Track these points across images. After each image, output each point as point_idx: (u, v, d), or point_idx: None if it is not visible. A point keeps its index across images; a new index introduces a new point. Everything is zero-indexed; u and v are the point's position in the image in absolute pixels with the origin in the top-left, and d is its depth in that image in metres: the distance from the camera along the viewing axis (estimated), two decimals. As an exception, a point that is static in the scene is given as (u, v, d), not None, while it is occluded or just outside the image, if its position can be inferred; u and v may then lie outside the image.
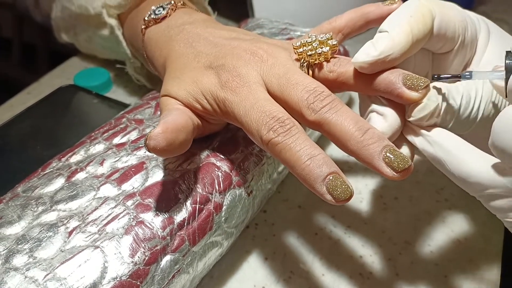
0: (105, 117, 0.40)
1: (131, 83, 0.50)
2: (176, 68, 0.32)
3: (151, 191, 0.29)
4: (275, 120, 0.26)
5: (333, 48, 0.29)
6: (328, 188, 0.24)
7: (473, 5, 0.69)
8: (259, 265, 0.34)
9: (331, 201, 0.24)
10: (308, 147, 0.25)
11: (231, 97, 0.28)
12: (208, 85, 0.30)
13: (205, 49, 0.32)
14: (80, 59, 0.57)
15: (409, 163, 0.24)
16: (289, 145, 0.25)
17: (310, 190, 0.25)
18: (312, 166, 0.24)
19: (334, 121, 0.26)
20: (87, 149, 0.33)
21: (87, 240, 0.26)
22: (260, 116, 0.26)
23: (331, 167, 0.24)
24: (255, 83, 0.28)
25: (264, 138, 0.26)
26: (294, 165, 0.25)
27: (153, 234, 0.27)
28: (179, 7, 0.37)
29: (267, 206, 0.39)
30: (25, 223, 0.28)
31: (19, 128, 0.43)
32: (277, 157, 0.26)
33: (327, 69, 0.29)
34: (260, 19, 0.48)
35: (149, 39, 0.36)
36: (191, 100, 0.30)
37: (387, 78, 0.26)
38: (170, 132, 0.25)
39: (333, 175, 0.24)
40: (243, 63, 0.29)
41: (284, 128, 0.26)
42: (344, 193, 0.24)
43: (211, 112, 0.30)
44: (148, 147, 0.25)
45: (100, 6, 0.43)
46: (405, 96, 0.26)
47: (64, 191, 0.29)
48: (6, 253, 0.26)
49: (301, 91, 0.27)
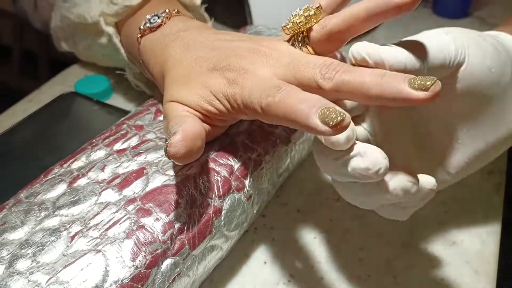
0: (105, 124, 0.41)
1: (131, 90, 0.50)
2: (178, 74, 0.32)
3: (152, 196, 0.29)
4: (272, 87, 0.27)
5: (318, 10, 0.29)
6: (322, 118, 0.24)
7: (469, 10, 0.70)
8: (258, 269, 0.35)
9: (326, 131, 0.24)
10: (300, 93, 0.26)
11: (240, 90, 0.29)
12: (217, 86, 0.30)
13: (203, 53, 0.32)
14: (81, 67, 0.57)
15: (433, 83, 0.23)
16: (283, 99, 0.26)
17: (306, 131, 0.25)
18: (304, 106, 0.24)
19: (351, 79, 0.26)
20: (89, 155, 0.33)
21: (89, 245, 0.27)
22: (260, 89, 0.27)
23: (321, 101, 0.24)
24: (265, 73, 0.29)
25: (264, 105, 0.26)
26: (289, 114, 0.25)
27: (153, 238, 0.28)
28: (173, 15, 0.38)
29: (266, 211, 0.39)
30: (28, 228, 0.28)
31: (21, 135, 0.43)
32: (276, 118, 0.26)
33: (319, 27, 0.29)
34: (258, 27, 0.48)
35: (145, 47, 0.37)
36: (203, 103, 0.30)
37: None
38: (189, 140, 0.26)
39: (325, 105, 0.24)
40: (248, 62, 0.30)
41: (279, 90, 0.26)
42: (336, 117, 0.23)
43: (223, 112, 0.30)
44: (168, 154, 0.25)
45: (98, 15, 0.43)
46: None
47: (66, 197, 0.30)
48: (9, 257, 0.26)
49: (312, 68, 0.27)
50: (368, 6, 0.27)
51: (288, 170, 0.38)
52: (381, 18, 0.27)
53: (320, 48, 0.30)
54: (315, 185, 0.41)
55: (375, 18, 0.27)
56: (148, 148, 0.33)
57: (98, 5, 0.44)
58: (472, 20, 0.69)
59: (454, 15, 0.69)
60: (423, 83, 0.24)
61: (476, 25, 0.67)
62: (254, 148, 0.34)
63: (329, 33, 0.29)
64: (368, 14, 0.27)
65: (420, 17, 0.70)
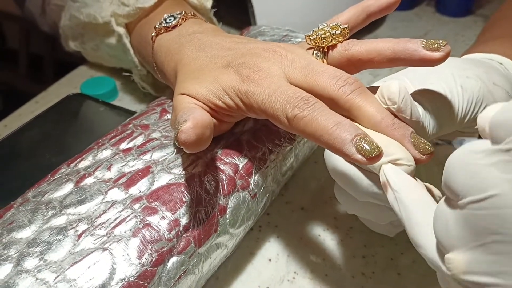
0: (111, 125, 0.41)
1: (136, 91, 0.51)
2: (191, 70, 0.33)
3: (157, 195, 0.30)
4: (299, 98, 0.27)
5: (344, 31, 0.30)
6: (357, 148, 0.24)
7: (472, 8, 0.70)
8: (263, 266, 0.35)
9: (361, 161, 0.24)
10: (332, 115, 0.26)
11: (254, 88, 0.29)
12: (229, 81, 0.30)
13: (219, 52, 0.33)
14: (87, 68, 0.58)
15: (432, 148, 0.26)
16: (314, 117, 0.26)
17: (339, 154, 0.26)
18: (339, 131, 0.25)
19: (364, 105, 0.27)
20: (95, 154, 0.34)
21: (96, 243, 0.27)
22: (284, 97, 0.27)
23: (357, 130, 0.25)
24: (277, 76, 0.29)
25: (290, 115, 0.27)
26: (322, 134, 0.26)
27: (159, 236, 0.28)
28: (189, 17, 0.39)
29: (271, 209, 0.39)
30: (35, 227, 0.29)
31: (28, 136, 0.44)
32: (302, 132, 0.27)
33: (342, 48, 0.30)
34: (262, 27, 0.49)
35: (160, 46, 0.37)
36: (212, 97, 0.31)
37: (406, 46, 0.28)
38: (200, 127, 0.26)
39: (361, 136, 0.25)
40: (263, 60, 0.30)
41: (308, 104, 0.27)
42: (373, 150, 0.24)
43: (232, 107, 0.31)
44: (178, 140, 0.26)
45: (109, 15, 0.44)
46: (428, 57, 0.27)
47: (73, 196, 0.30)
48: (17, 256, 0.27)
49: (327, 77, 0.28)
50: (395, 48, 0.28)
51: (292, 168, 0.38)
52: (402, 63, 0.28)
53: (336, 64, 0.30)
54: (318, 183, 0.42)
55: (397, 61, 0.28)
56: (154, 147, 0.33)
57: (109, 6, 0.45)
58: (475, 19, 0.69)
59: (457, 13, 0.69)
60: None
61: (479, 23, 0.67)
62: (259, 147, 0.34)
63: (350, 57, 0.30)
64: (394, 55, 0.28)
65: (423, 16, 0.70)
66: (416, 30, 0.67)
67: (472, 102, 0.29)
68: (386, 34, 0.66)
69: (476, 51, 0.37)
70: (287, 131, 0.36)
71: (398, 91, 0.26)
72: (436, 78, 0.30)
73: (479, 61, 0.34)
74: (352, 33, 0.33)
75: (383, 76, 0.57)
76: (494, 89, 0.30)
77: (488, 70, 0.32)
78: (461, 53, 0.58)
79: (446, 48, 0.27)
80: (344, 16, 0.32)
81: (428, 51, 0.27)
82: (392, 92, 0.26)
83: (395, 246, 0.36)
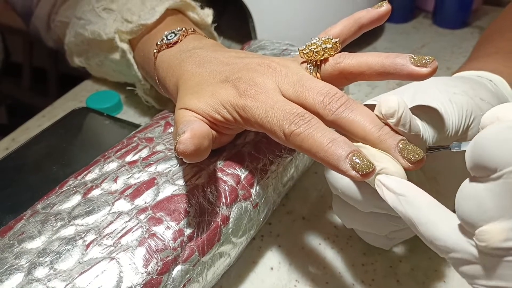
0: (116, 137, 0.42)
1: (140, 104, 0.52)
2: (191, 85, 0.34)
3: (162, 205, 0.31)
4: (295, 115, 0.28)
5: (335, 45, 0.31)
6: (352, 164, 0.25)
7: (469, 21, 0.71)
8: (265, 275, 0.36)
9: (356, 177, 0.25)
10: (328, 132, 0.27)
11: (251, 103, 0.30)
12: (226, 96, 0.32)
13: (218, 67, 0.34)
14: (92, 83, 0.59)
15: (421, 154, 0.26)
16: (310, 133, 0.27)
17: (334, 170, 0.26)
18: (334, 147, 0.26)
19: (351, 119, 0.28)
20: (101, 167, 0.35)
21: (104, 252, 0.28)
22: (281, 113, 0.28)
23: (351, 147, 0.26)
24: (272, 90, 0.30)
25: (287, 131, 0.28)
26: (317, 150, 0.26)
27: (164, 245, 0.29)
28: (189, 33, 0.40)
29: (272, 218, 0.40)
30: (45, 237, 0.30)
31: (35, 149, 0.45)
32: (299, 147, 0.28)
33: (333, 61, 0.31)
34: (262, 41, 0.50)
35: (161, 62, 0.39)
36: (210, 111, 0.32)
37: (395, 61, 0.29)
38: (198, 138, 0.27)
39: (355, 152, 0.26)
40: (259, 74, 0.31)
41: (304, 120, 0.28)
42: (367, 167, 0.25)
43: (230, 120, 0.32)
44: (177, 151, 0.27)
45: (113, 32, 0.45)
46: (415, 73, 0.28)
47: (81, 207, 0.31)
48: (28, 265, 0.28)
49: (316, 94, 0.29)
50: (384, 63, 0.29)
51: (292, 179, 0.39)
52: (391, 77, 0.29)
53: (327, 80, 0.31)
54: (319, 193, 0.43)
55: (386, 75, 0.29)
56: (158, 159, 0.34)
57: (112, 23, 0.46)
58: (472, 30, 0.70)
59: (454, 25, 0.71)
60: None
61: (476, 34, 0.68)
62: (260, 158, 0.35)
63: (341, 70, 0.31)
64: (383, 70, 0.29)
65: (420, 28, 0.72)
66: (413, 43, 0.68)
67: (463, 115, 0.30)
68: (384, 46, 0.67)
69: (467, 69, 0.38)
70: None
71: (398, 105, 0.27)
72: (426, 94, 0.31)
73: (467, 78, 0.35)
74: (344, 44, 0.34)
75: (381, 88, 0.58)
76: (481, 103, 0.31)
77: (474, 86, 0.33)
78: (458, 64, 0.59)
79: (433, 64, 0.28)
80: (336, 29, 0.33)
81: (416, 66, 0.28)
82: (391, 107, 0.27)
83: (394, 254, 0.37)
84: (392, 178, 0.26)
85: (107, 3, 0.48)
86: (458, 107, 0.30)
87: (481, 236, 0.21)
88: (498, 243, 0.20)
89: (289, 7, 0.57)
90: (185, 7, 0.46)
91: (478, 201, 0.21)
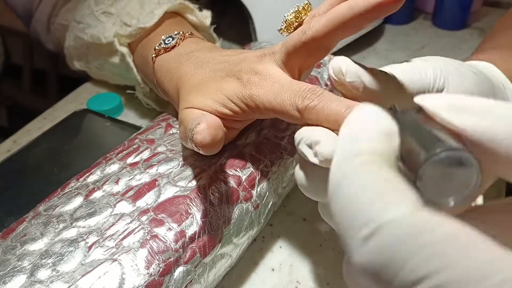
0: (117, 139, 0.42)
1: (141, 106, 0.52)
2: (193, 85, 0.34)
3: (164, 207, 0.31)
4: (307, 90, 0.28)
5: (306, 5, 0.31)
6: None
7: (468, 22, 0.72)
8: (266, 276, 0.36)
9: None
10: (341, 100, 0.27)
11: (256, 90, 0.30)
12: (231, 89, 0.32)
13: (217, 66, 0.34)
14: (93, 85, 0.59)
15: None
16: (326, 104, 0.27)
17: None
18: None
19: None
20: (103, 169, 0.35)
21: (106, 254, 0.28)
22: (291, 92, 0.29)
23: None
24: (275, 73, 0.31)
25: (301, 107, 0.28)
26: (336, 118, 0.26)
27: (166, 247, 0.29)
28: (187, 36, 0.40)
29: (273, 220, 0.40)
30: (47, 239, 0.30)
31: (37, 152, 0.45)
32: (316, 120, 0.27)
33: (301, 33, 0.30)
34: (263, 43, 0.50)
35: (160, 66, 0.39)
36: (218, 106, 0.32)
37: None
38: (214, 128, 0.28)
39: None
40: (257, 63, 0.32)
41: (316, 94, 0.28)
42: None
43: (238, 112, 0.32)
44: (195, 142, 0.27)
45: (112, 35, 0.46)
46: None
47: (83, 209, 0.32)
48: (31, 267, 0.28)
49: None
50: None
51: (293, 180, 0.39)
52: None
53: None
54: (320, 194, 0.43)
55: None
56: (160, 161, 0.35)
57: (111, 26, 0.46)
58: (471, 31, 0.70)
59: (454, 26, 0.71)
60: None
61: (475, 36, 0.69)
62: (261, 160, 0.36)
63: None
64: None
65: (420, 29, 0.72)
66: (413, 44, 0.68)
67: (437, 71, 0.28)
68: (384, 47, 0.67)
69: None
70: (288, 144, 0.38)
71: (343, 60, 0.27)
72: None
73: None
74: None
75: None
76: (461, 67, 0.29)
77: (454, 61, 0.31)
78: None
79: None
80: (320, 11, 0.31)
81: None
82: (335, 67, 0.27)
83: (394, 255, 0.37)
84: None
85: (106, 7, 0.48)
86: (432, 64, 0.28)
87: None
88: None
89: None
90: (184, 9, 0.46)
91: None
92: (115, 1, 0.48)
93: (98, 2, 0.49)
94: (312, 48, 0.30)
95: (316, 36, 0.29)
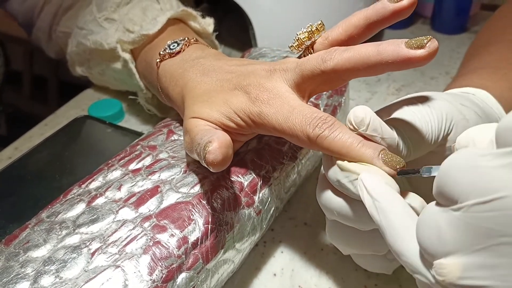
0: (118, 145, 0.43)
1: (142, 112, 0.52)
2: (199, 94, 0.34)
3: (166, 213, 0.31)
4: (317, 119, 0.28)
5: (319, 26, 0.32)
6: (385, 161, 0.26)
7: (467, 26, 0.72)
8: (268, 281, 0.36)
9: (389, 172, 0.26)
10: (353, 134, 0.27)
11: (266, 109, 0.30)
12: (239, 103, 0.32)
13: (223, 76, 0.34)
14: (94, 91, 0.60)
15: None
16: (337, 136, 0.27)
17: None
18: (365, 147, 0.27)
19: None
20: (105, 175, 0.35)
21: (109, 260, 0.28)
22: (302, 118, 0.29)
23: (379, 146, 0.27)
24: (285, 92, 0.31)
25: (312, 136, 0.28)
26: (348, 151, 0.27)
27: (169, 253, 0.29)
28: (192, 43, 0.40)
29: (275, 225, 0.40)
30: (50, 246, 0.30)
31: (38, 158, 0.45)
32: (326, 149, 0.28)
33: (322, 39, 0.31)
34: (263, 49, 0.50)
35: (164, 72, 0.39)
36: (224, 119, 0.32)
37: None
38: (225, 147, 0.28)
39: (383, 151, 0.27)
40: (266, 79, 0.32)
41: (327, 123, 0.28)
42: (399, 162, 0.26)
43: (244, 127, 0.32)
44: (207, 161, 0.27)
45: (115, 42, 0.46)
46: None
47: (86, 215, 0.32)
48: (34, 274, 0.28)
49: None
50: (367, 14, 0.29)
51: (295, 185, 0.40)
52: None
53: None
54: (321, 199, 0.43)
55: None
56: (162, 167, 0.35)
57: (114, 32, 0.46)
58: (470, 35, 0.71)
59: (452, 31, 0.71)
60: (418, 42, 0.26)
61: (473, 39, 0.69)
62: (263, 166, 0.36)
63: (331, 44, 0.31)
64: (367, 21, 0.29)
65: (419, 33, 0.72)
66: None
67: (443, 119, 0.30)
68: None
69: (453, 87, 0.38)
70: (289, 150, 0.38)
71: (364, 113, 0.27)
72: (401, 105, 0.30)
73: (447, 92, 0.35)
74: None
75: (380, 93, 0.58)
76: (463, 108, 0.31)
77: (455, 96, 0.32)
78: (456, 69, 0.59)
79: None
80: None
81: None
82: (358, 116, 0.27)
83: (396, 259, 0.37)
84: (375, 177, 0.25)
85: (108, 13, 0.49)
86: (437, 111, 0.30)
87: (439, 270, 0.20)
88: (455, 279, 0.20)
89: (290, 14, 0.58)
90: (187, 16, 0.47)
91: (438, 231, 0.20)
92: (118, 8, 0.48)
93: (101, 8, 0.50)
94: (329, 78, 0.30)
95: (337, 69, 0.29)
